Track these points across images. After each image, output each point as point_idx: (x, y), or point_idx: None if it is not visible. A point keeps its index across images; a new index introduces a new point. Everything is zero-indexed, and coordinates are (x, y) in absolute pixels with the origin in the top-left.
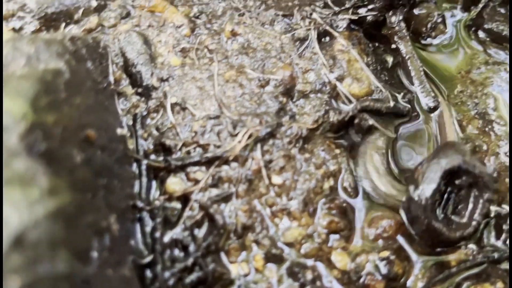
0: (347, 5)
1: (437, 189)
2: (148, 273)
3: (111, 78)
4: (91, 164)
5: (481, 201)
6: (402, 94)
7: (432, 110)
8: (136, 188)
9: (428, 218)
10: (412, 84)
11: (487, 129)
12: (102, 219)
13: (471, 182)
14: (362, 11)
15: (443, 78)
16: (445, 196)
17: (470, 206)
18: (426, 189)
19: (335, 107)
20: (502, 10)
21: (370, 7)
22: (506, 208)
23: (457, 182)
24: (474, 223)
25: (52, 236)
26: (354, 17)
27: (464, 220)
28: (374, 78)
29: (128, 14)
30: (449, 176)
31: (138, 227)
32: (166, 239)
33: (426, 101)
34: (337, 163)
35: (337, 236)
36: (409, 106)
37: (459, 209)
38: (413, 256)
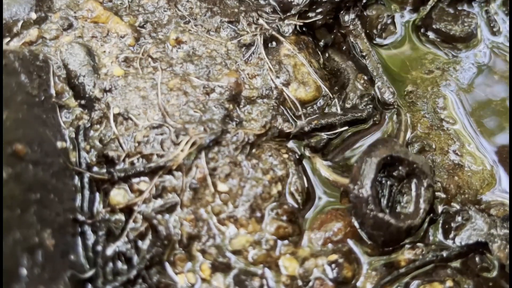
0: (293, 11)
1: (374, 180)
2: None
3: (53, 91)
4: (21, 179)
5: (422, 188)
6: (360, 97)
7: (391, 106)
8: (78, 202)
9: (373, 211)
10: (372, 84)
11: (436, 128)
12: (33, 235)
13: (408, 172)
14: (310, 15)
15: (393, 78)
16: (388, 190)
17: (414, 195)
18: (365, 183)
19: (283, 112)
20: (451, 10)
21: (318, 10)
22: (455, 206)
23: (395, 173)
24: (421, 211)
25: None
26: (300, 23)
27: (411, 209)
28: (322, 82)
29: (70, 26)
30: (385, 167)
31: (79, 241)
32: (109, 252)
33: (386, 97)
34: (285, 167)
35: (285, 241)
36: (368, 110)
37: (404, 201)
38: (363, 258)
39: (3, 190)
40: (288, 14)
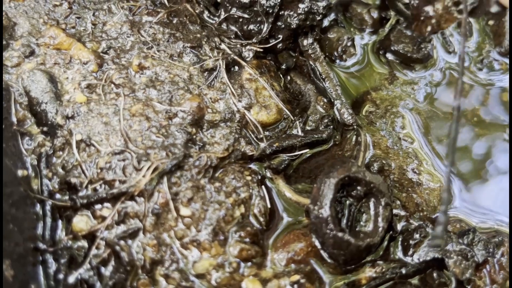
0: (254, 40)
1: (333, 201)
2: None
3: (14, 119)
4: None
5: (380, 207)
6: (321, 119)
7: (351, 126)
8: (39, 230)
9: (333, 230)
10: (332, 106)
11: (395, 147)
12: None
13: (366, 191)
14: (270, 41)
15: (353, 100)
16: (347, 209)
17: (372, 213)
18: (324, 203)
19: (245, 135)
20: (408, 32)
21: (278, 36)
22: (414, 223)
23: (353, 193)
24: (379, 229)
25: None
26: (260, 49)
27: (370, 228)
28: (283, 105)
29: (32, 53)
30: (343, 187)
31: (40, 270)
32: (71, 280)
33: (345, 118)
34: (247, 189)
35: (248, 263)
36: (328, 131)
37: (364, 220)
38: (325, 277)
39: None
40: (249, 41)
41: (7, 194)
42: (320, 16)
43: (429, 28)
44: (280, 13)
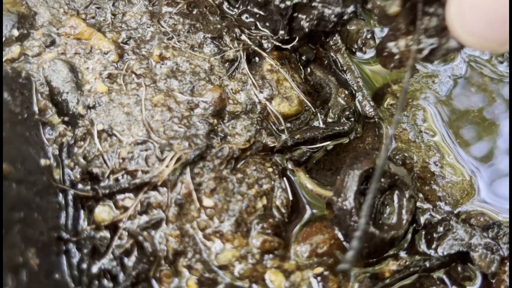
0: (272, 35)
1: (357, 192)
2: None
3: (36, 108)
4: (4, 198)
5: (404, 199)
6: (342, 111)
7: (372, 119)
8: (62, 219)
9: (357, 222)
10: (353, 98)
11: (417, 140)
12: (17, 255)
13: (390, 183)
14: (287, 40)
15: (374, 92)
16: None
17: (396, 206)
18: (348, 195)
19: (267, 126)
20: None
21: (293, 36)
22: (437, 216)
23: (377, 185)
24: (403, 221)
25: None
26: (279, 44)
27: (394, 220)
28: (304, 97)
29: (53, 42)
30: (367, 179)
31: (64, 259)
32: (94, 269)
33: (366, 110)
34: (269, 181)
35: (271, 255)
36: (349, 123)
37: (387, 213)
38: (348, 270)
39: None
40: (269, 34)
41: (31, 182)
42: (332, 23)
43: (391, 65)
44: (294, 15)
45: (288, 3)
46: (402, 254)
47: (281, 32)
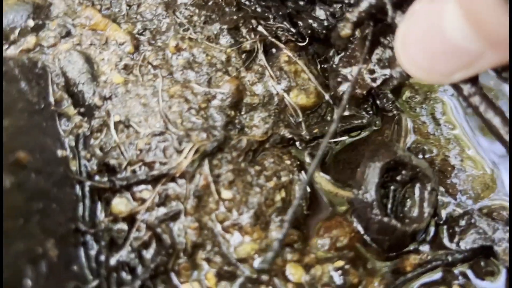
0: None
1: (378, 184)
2: None
3: (51, 99)
4: (23, 188)
5: (426, 192)
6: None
7: (391, 112)
8: (80, 211)
9: (378, 215)
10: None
11: (436, 133)
12: (37, 245)
13: (411, 176)
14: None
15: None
16: (391, 195)
17: (417, 199)
18: (369, 187)
19: (284, 119)
20: None
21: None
22: (459, 210)
23: (398, 178)
24: (425, 214)
25: None
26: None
27: (415, 214)
28: (322, 89)
29: (68, 33)
30: (388, 171)
31: (82, 251)
32: (112, 262)
33: (385, 103)
34: (288, 174)
35: (290, 248)
36: (368, 116)
37: (408, 206)
38: (369, 264)
39: (5, 200)
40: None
41: (49, 172)
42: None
43: (342, 90)
44: (294, 20)
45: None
46: (424, 248)
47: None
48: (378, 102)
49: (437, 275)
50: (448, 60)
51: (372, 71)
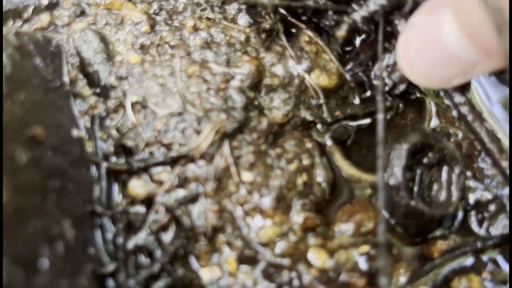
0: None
1: (405, 167)
2: (111, 283)
3: (66, 79)
4: (40, 165)
5: (453, 175)
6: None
7: (414, 95)
8: (96, 193)
9: (404, 199)
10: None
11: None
12: (54, 225)
13: (438, 158)
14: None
15: None
16: (418, 178)
17: (445, 183)
18: (395, 170)
19: (305, 101)
20: None
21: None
22: (487, 195)
23: (425, 161)
24: (453, 198)
25: None
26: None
27: (443, 197)
28: (344, 70)
29: (83, 12)
30: (414, 154)
31: (98, 233)
32: (130, 245)
33: (407, 88)
34: (309, 157)
35: (313, 233)
36: (391, 99)
37: (435, 189)
38: (394, 249)
39: (21, 176)
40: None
41: (65, 151)
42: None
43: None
44: None
45: None
46: (452, 233)
47: None
48: (401, 85)
49: (466, 261)
50: (446, 68)
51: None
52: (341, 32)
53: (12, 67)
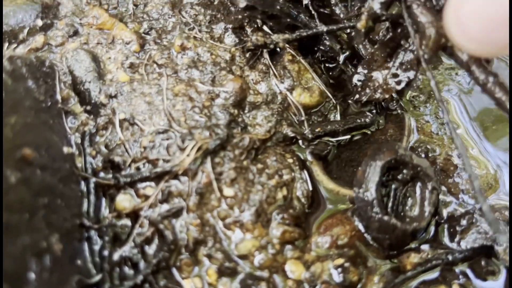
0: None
1: (379, 183)
2: None
3: (59, 97)
4: (29, 183)
5: (426, 191)
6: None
7: (394, 111)
8: (84, 207)
9: (378, 214)
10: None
11: (440, 132)
12: (42, 240)
13: (412, 175)
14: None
15: None
16: (392, 193)
17: (418, 198)
18: (369, 186)
19: (287, 117)
20: None
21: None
22: (460, 209)
23: (399, 177)
24: (426, 213)
25: None
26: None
27: (416, 212)
28: (325, 88)
29: (76, 33)
30: (389, 170)
31: (86, 246)
32: (115, 257)
33: (388, 104)
34: (289, 172)
35: (291, 246)
36: (371, 115)
37: (409, 205)
38: (369, 262)
39: (11, 195)
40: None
41: (55, 169)
42: None
43: (363, 95)
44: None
45: None
46: (424, 247)
47: None
48: (382, 101)
49: (437, 274)
50: (506, 30)
51: (395, 75)
52: (362, 22)
53: (4, 92)
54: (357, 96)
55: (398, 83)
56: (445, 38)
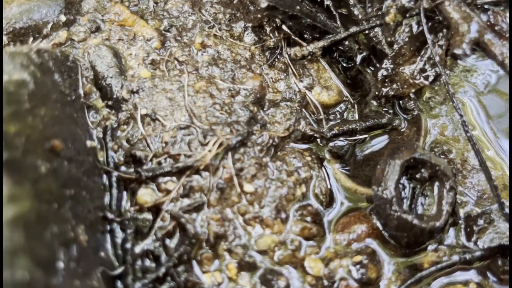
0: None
1: (398, 181)
2: (119, 285)
3: (81, 91)
4: (57, 174)
5: (444, 190)
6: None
7: (411, 111)
8: (107, 200)
9: (397, 212)
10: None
11: (456, 134)
12: (69, 230)
13: (430, 174)
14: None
15: None
16: (410, 192)
17: (436, 197)
18: (388, 184)
19: (306, 116)
20: None
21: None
22: (477, 209)
23: (417, 176)
24: (443, 212)
25: (11, 243)
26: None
27: (433, 211)
28: (344, 88)
29: (98, 28)
30: (408, 169)
31: (108, 238)
32: (137, 250)
33: (406, 103)
34: (308, 170)
35: (310, 242)
36: (388, 115)
37: (427, 204)
38: (387, 259)
39: (40, 185)
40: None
41: (80, 161)
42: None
43: (389, 91)
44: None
45: None
46: (442, 246)
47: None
48: (400, 101)
49: (454, 272)
50: None
51: (423, 70)
52: (391, 16)
53: (34, 84)
54: (383, 90)
55: (426, 78)
56: (479, 33)
